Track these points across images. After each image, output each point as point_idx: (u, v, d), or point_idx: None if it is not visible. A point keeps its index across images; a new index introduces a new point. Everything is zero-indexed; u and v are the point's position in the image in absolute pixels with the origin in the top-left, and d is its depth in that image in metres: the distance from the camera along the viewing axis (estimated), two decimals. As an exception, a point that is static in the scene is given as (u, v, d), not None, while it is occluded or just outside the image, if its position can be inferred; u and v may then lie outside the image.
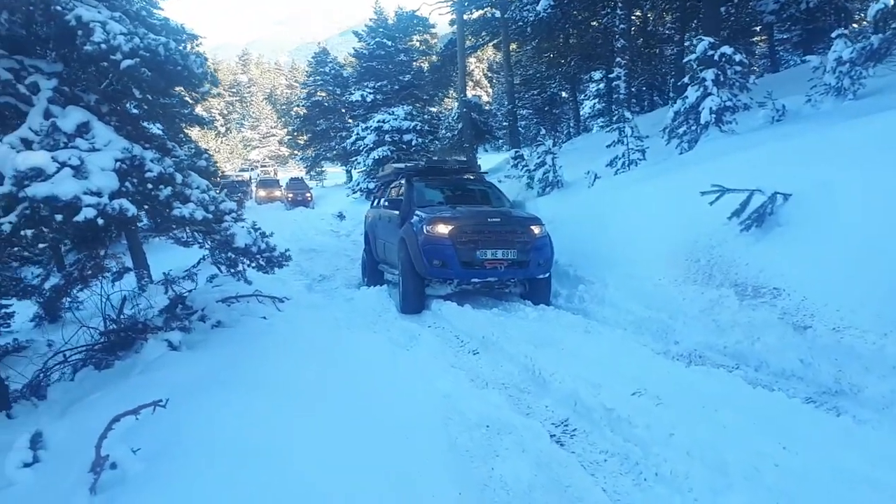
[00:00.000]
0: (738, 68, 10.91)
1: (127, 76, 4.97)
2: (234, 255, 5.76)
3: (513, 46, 29.06)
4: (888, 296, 4.23)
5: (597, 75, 34.41)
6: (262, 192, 36.98)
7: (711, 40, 11.06)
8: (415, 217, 8.10)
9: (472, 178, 10.23)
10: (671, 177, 8.68)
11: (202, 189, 5.51)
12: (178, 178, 5.25)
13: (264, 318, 6.48)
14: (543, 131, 15.46)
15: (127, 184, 4.78)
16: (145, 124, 8.86)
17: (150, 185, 4.91)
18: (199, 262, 8.25)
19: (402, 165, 10.71)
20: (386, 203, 9.75)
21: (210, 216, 5.23)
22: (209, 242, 5.77)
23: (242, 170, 60.50)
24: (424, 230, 7.64)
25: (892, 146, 5.68)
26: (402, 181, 9.56)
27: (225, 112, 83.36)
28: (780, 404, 3.90)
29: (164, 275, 8.64)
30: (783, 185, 5.98)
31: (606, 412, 3.79)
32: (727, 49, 10.77)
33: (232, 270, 5.94)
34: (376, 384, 4.46)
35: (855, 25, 33.13)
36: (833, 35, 10.75)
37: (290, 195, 33.57)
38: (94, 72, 5.24)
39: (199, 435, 3.05)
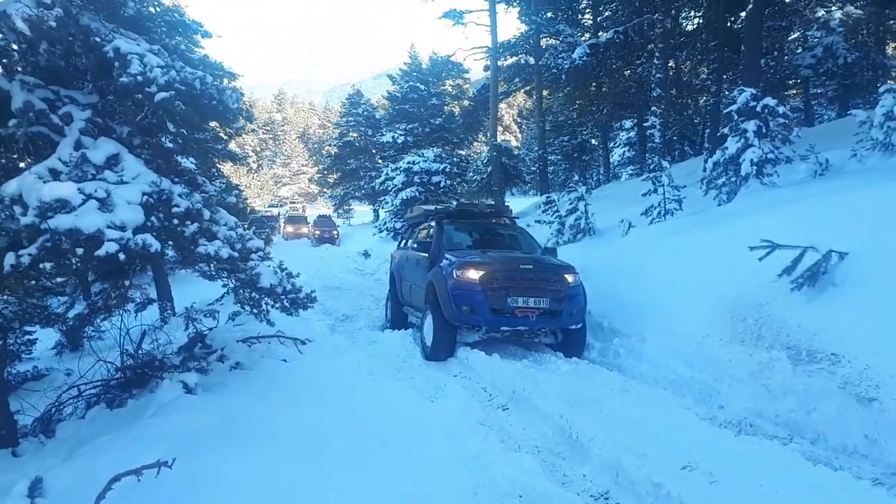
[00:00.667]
0: (781, 120, 10.63)
1: (162, 109, 4.87)
2: (257, 295, 5.56)
3: (545, 93, 29.17)
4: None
5: (627, 124, 34.38)
6: (289, 228, 37.32)
7: (754, 91, 10.83)
8: (444, 260, 7.86)
9: (503, 222, 9.97)
10: (712, 229, 8.37)
11: (230, 226, 5.35)
12: (206, 214, 5.10)
13: (285, 360, 6.25)
14: (577, 177, 15.25)
15: (153, 218, 4.63)
16: (179, 158, 8.86)
17: (176, 221, 4.76)
18: (221, 297, 8.09)
19: (431, 207, 10.52)
20: (414, 245, 9.47)
21: (236, 254, 5.05)
22: (233, 280, 5.58)
23: (272, 206, 61.28)
24: (454, 274, 7.39)
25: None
26: (432, 223, 9.30)
27: (258, 149, 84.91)
28: (846, 485, 3.52)
29: (186, 309, 8.49)
30: (836, 242, 5.65)
31: (654, 487, 3.43)
32: (770, 101, 10.51)
33: (255, 311, 5.72)
34: (401, 442, 4.16)
35: (891, 82, 32.82)
36: (881, 90, 10.47)
37: (318, 232, 33.75)
38: (130, 104, 5.15)
39: None
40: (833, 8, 18.39)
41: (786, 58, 23.93)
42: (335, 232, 34.18)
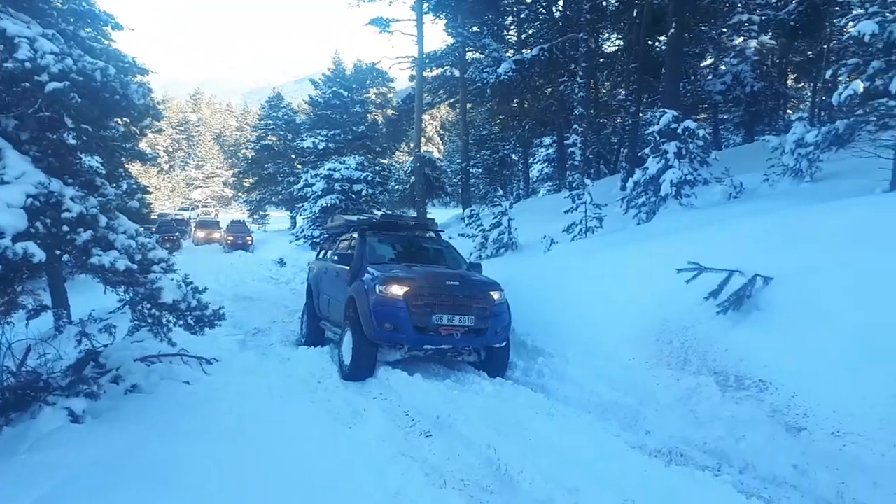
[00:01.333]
0: (700, 143, 10.92)
1: (55, 101, 4.32)
2: (158, 312, 5.04)
3: (468, 106, 29.29)
4: (893, 400, 3.86)
5: (546, 140, 35.06)
6: (200, 233, 35.80)
7: (675, 113, 11.07)
8: (367, 274, 7.48)
9: (428, 235, 9.64)
10: (635, 248, 8.39)
11: (130, 234, 4.83)
12: (103, 220, 4.58)
13: (188, 383, 5.72)
14: (501, 191, 15.23)
15: (38, 224, 4.09)
16: (82, 157, 8.13)
17: (66, 227, 4.22)
18: (119, 308, 7.40)
19: (354, 217, 10.07)
20: (335, 257, 8.99)
21: (135, 266, 4.55)
22: (131, 294, 5.04)
23: (182, 209, 58.97)
24: (377, 290, 7.00)
25: (873, 237, 5.49)
26: (355, 234, 8.90)
27: (170, 149, 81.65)
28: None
29: (81, 322, 7.76)
30: (759, 266, 5.70)
31: (590, 529, 3.23)
32: (691, 123, 10.77)
33: (155, 329, 5.19)
34: (316, 477, 3.80)
35: (789, 112, 34.97)
36: (793, 118, 10.93)
37: (230, 238, 32.49)
38: (17, 94, 4.56)
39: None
40: (750, 37, 19.25)
41: (698, 83, 24.89)
42: (249, 238, 33.05)
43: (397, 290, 6.95)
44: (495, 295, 7.35)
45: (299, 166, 39.48)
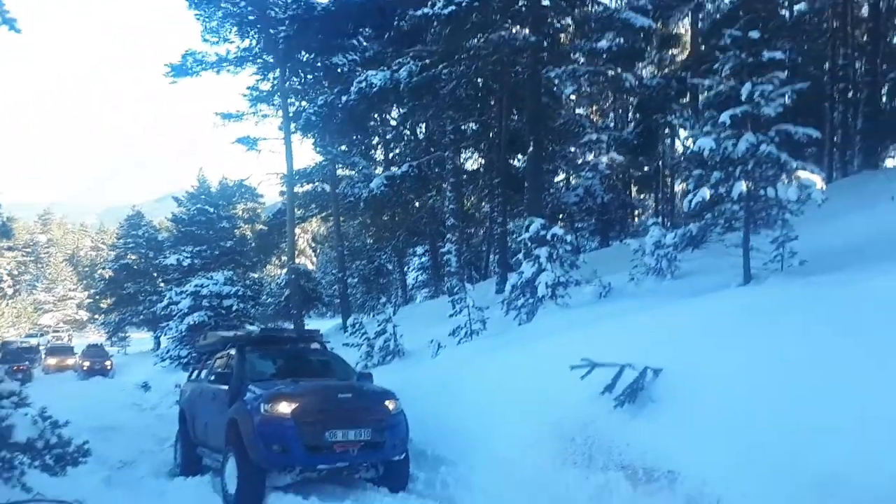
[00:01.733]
0: (568, 247, 11.59)
1: None
2: (9, 454, 4.38)
3: (341, 219, 29.53)
4: (792, 486, 4.07)
5: (419, 250, 35.87)
6: (51, 360, 32.95)
7: (543, 221, 11.75)
8: (249, 394, 6.92)
9: (313, 347, 9.17)
10: (525, 348, 8.58)
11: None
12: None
13: (44, 537, 4.97)
14: (384, 299, 15.19)
15: None
16: None
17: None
18: None
19: (230, 333, 9.50)
20: (211, 377, 8.48)
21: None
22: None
23: (30, 335, 53.74)
24: (262, 409, 6.44)
25: (737, 327, 6.01)
26: (231, 351, 8.32)
27: (15, 272, 75.05)
28: None
29: None
30: (645, 360, 5.97)
31: None
32: (558, 230, 11.46)
33: (6, 474, 4.47)
34: None
35: (637, 218, 38.31)
36: (648, 223, 11.93)
37: (87, 363, 30.12)
38: None
39: None
40: (601, 153, 21.27)
41: (554, 195, 26.77)
42: (108, 362, 30.81)
43: (285, 408, 6.41)
44: (391, 405, 7.01)
45: (162, 284, 37.61)
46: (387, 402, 7.02)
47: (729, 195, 8.73)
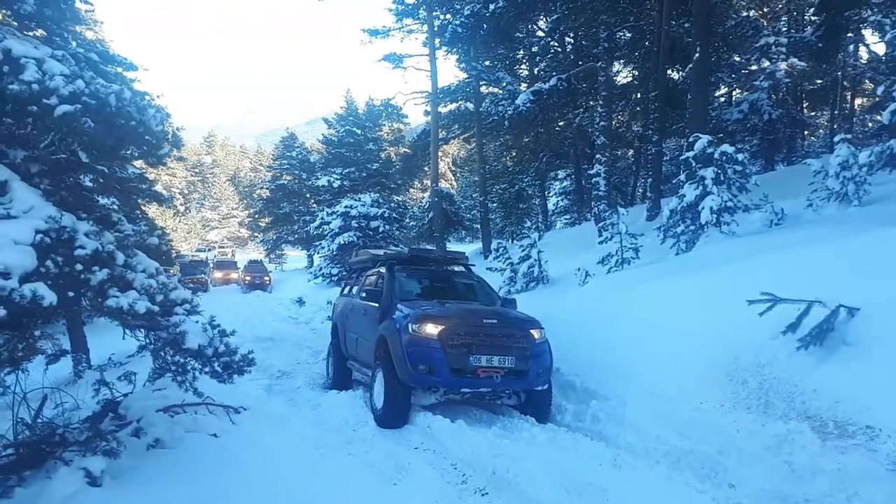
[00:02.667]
0: (739, 168, 10.40)
1: (65, 126, 3.90)
2: (182, 359, 4.53)
3: (483, 140, 29.06)
4: None
5: (561, 174, 34.70)
6: (217, 274, 35.68)
7: (710, 138, 10.60)
8: (398, 312, 6.98)
9: (460, 270, 9.10)
10: (685, 279, 7.85)
11: (150, 273, 4.36)
12: (120, 258, 4.11)
13: (215, 435, 5.17)
14: (528, 224, 14.78)
15: (48, 262, 3.63)
16: (99, 199, 7.76)
17: (80, 266, 3.76)
18: (138, 352, 6.91)
19: (381, 252, 9.57)
20: (362, 293, 8.60)
21: (156, 308, 4.06)
22: (153, 339, 4.55)
23: (199, 250, 58.87)
24: (410, 329, 6.51)
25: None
26: (381, 269, 8.43)
27: (186, 191, 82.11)
28: None
29: (100, 367, 7.29)
30: (835, 297, 5.13)
31: None
32: (728, 147, 10.28)
33: (179, 378, 4.67)
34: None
35: (813, 138, 34.48)
36: (836, 139, 10.43)
37: (248, 278, 32.31)
38: (24, 121, 4.15)
39: None
40: (779, 59, 18.91)
41: (713, 111, 24.55)
42: (267, 278, 32.82)
43: (432, 330, 6.46)
44: (536, 334, 6.84)
45: (314, 205, 39.36)
46: (532, 331, 6.85)
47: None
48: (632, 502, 3.98)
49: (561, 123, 28.58)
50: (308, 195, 41.88)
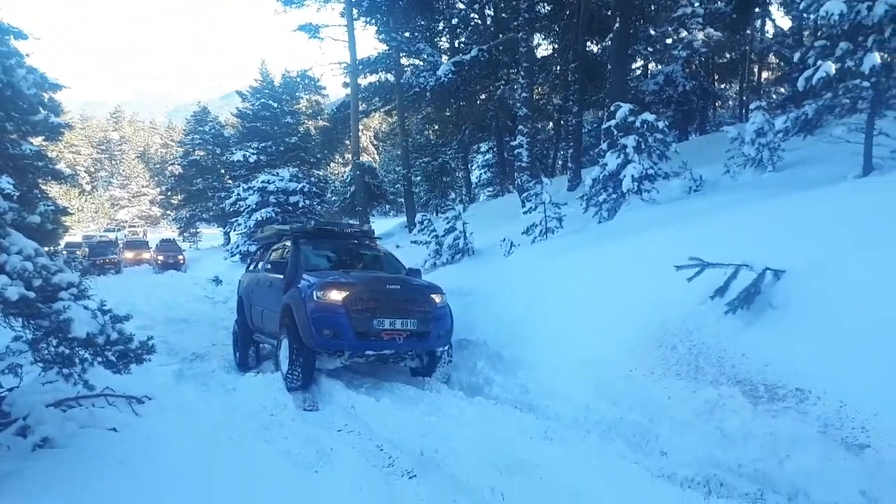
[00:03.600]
0: (659, 136, 10.47)
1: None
2: (67, 349, 4.01)
3: (405, 113, 28.60)
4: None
5: (483, 147, 34.72)
6: (128, 254, 33.98)
7: (632, 106, 10.62)
8: (303, 282, 7.16)
9: (365, 242, 9.22)
10: (609, 246, 7.81)
11: (27, 255, 3.81)
12: (-12, 235, 3.57)
13: (115, 429, 4.69)
14: (453, 195, 14.55)
15: None
16: None
17: (-66, 244, 3.22)
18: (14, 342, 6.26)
19: (286, 227, 9.59)
20: (268, 266, 8.86)
21: (32, 294, 3.54)
22: (32, 330, 4.01)
23: (108, 230, 55.99)
24: (314, 296, 6.75)
25: (871, 223, 5.03)
26: (288, 243, 8.60)
27: (92, 169, 77.74)
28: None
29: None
30: (755, 260, 5.12)
31: None
32: (649, 116, 10.32)
33: (65, 370, 4.15)
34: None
35: (722, 109, 35.73)
36: (752, 107, 10.63)
37: (161, 257, 30.97)
38: None
39: None
40: (696, 29, 19.23)
41: (631, 84, 24.98)
42: (180, 257, 31.54)
43: (336, 296, 6.73)
44: (437, 298, 7.27)
45: (230, 181, 37.87)
46: (433, 295, 7.27)
47: (859, 69, 7.48)
48: (565, 479, 3.80)
49: (483, 96, 28.50)
50: (223, 171, 40.34)
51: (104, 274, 26.57)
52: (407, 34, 25.76)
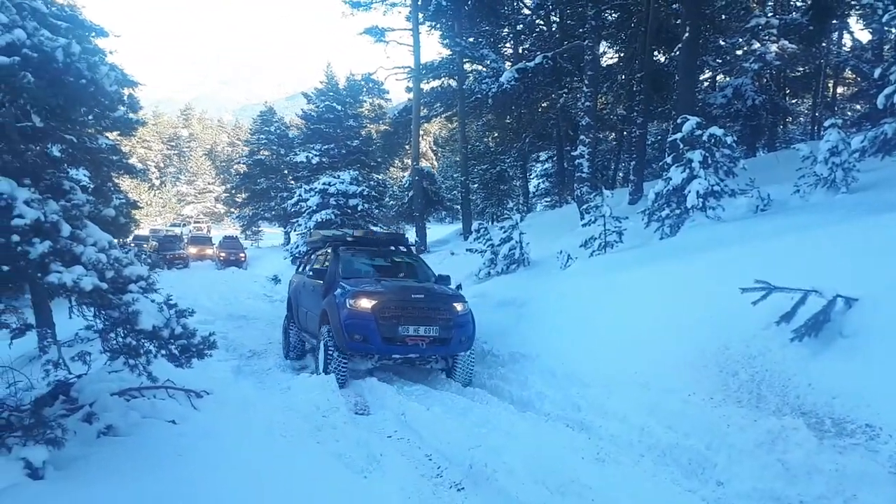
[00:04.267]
0: (727, 151, 10.17)
1: (2, 82, 3.49)
2: (134, 341, 4.16)
3: (465, 119, 28.64)
4: None
5: (542, 156, 34.43)
6: (192, 249, 35.08)
7: (699, 120, 10.35)
8: (339, 289, 7.92)
9: (399, 250, 9.90)
10: (671, 264, 7.60)
11: (101, 247, 3.97)
12: (66, 229, 3.73)
13: (173, 422, 4.83)
14: (511, 204, 14.52)
15: (-20, 233, 3.25)
16: (70, 171, 7.32)
17: (17, 237, 3.37)
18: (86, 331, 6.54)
19: (330, 233, 10.45)
20: (310, 272, 9.56)
21: (104, 286, 3.68)
22: (102, 319, 4.17)
23: (174, 224, 57.95)
24: (347, 304, 7.50)
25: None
26: (329, 250, 9.35)
27: (161, 165, 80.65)
28: None
29: (55, 345, 6.89)
30: (828, 286, 4.89)
31: None
32: (717, 130, 10.03)
33: (131, 361, 4.30)
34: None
35: (793, 125, 34.48)
36: (826, 124, 10.22)
37: (223, 254, 31.86)
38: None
39: None
40: (769, 41, 18.59)
41: (698, 97, 24.39)
42: (242, 254, 32.37)
43: (366, 304, 7.44)
44: (458, 306, 7.85)
45: (292, 181, 38.72)
46: (455, 304, 7.86)
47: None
48: (610, 498, 3.71)
49: (545, 104, 28.26)
50: (286, 171, 41.20)
51: (173, 268, 27.63)
52: (471, 40, 25.82)
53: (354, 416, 6.17)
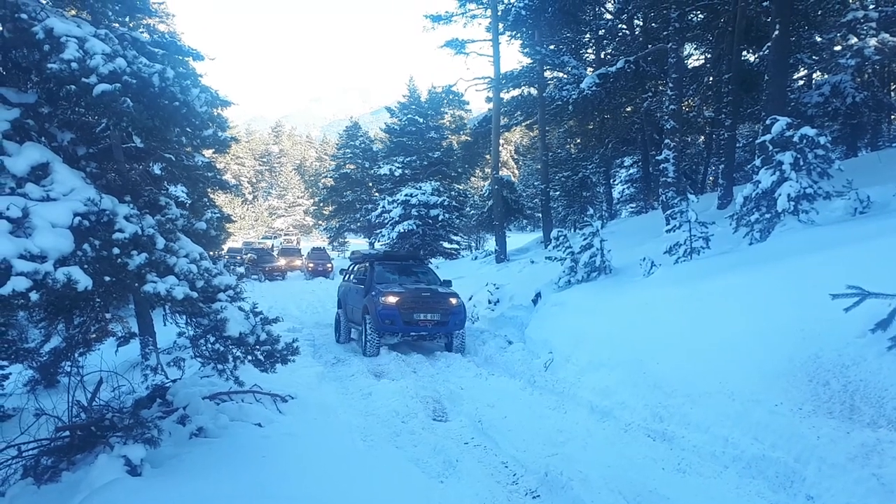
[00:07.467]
0: (821, 152, 9.66)
1: (104, 107, 3.79)
2: (222, 347, 4.40)
3: (546, 127, 28.42)
4: None
5: (627, 161, 33.68)
6: (282, 261, 36.36)
7: (789, 120, 9.89)
8: (374, 290, 11.37)
9: (416, 262, 13.81)
10: (756, 271, 7.29)
11: (192, 258, 4.24)
12: (160, 242, 4.01)
13: (260, 425, 5.08)
14: (591, 211, 14.35)
15: (85, 246, 3.54)
16: (168, 187, 7.81)
17: (117, 250, 3.66)
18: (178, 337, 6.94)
19: (367, 252, 15.42)
20: (355, 279, 13.10)
21: (195, 294, 3.93)
22: (193, 327, 4.44)
23: (265, 237, 60.35)
24: (380, 300, 10.94)
25: None
26: (367, 264, 12.92)
27: (254, 180, 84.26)
28: None
29: (154, 352, 7.37)
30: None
31: None
32: (809, 130, 9.54)
33: (219, 366, 4.56)
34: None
35: (892, 124, 32.32)
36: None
37: (311, 265, 32.90)
38: (64, 101, 4.08)
39: None
40: (868, 35, 17.50)
41: (791, 95, 23.25)
42: (329, 265, 33.32)
43: (393, 300, 10.95)
44: (453, 300, 11.51)
45: (376, 193, 39.70)
46: (451, 299, 11.51)
47: None
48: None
49: (628, 108, 27.69)
50: (370, 184, 42.27)
51: (272, 280, 28.88)
52: (552, 47, 25.64)
53: (432, 421, 6.25)
